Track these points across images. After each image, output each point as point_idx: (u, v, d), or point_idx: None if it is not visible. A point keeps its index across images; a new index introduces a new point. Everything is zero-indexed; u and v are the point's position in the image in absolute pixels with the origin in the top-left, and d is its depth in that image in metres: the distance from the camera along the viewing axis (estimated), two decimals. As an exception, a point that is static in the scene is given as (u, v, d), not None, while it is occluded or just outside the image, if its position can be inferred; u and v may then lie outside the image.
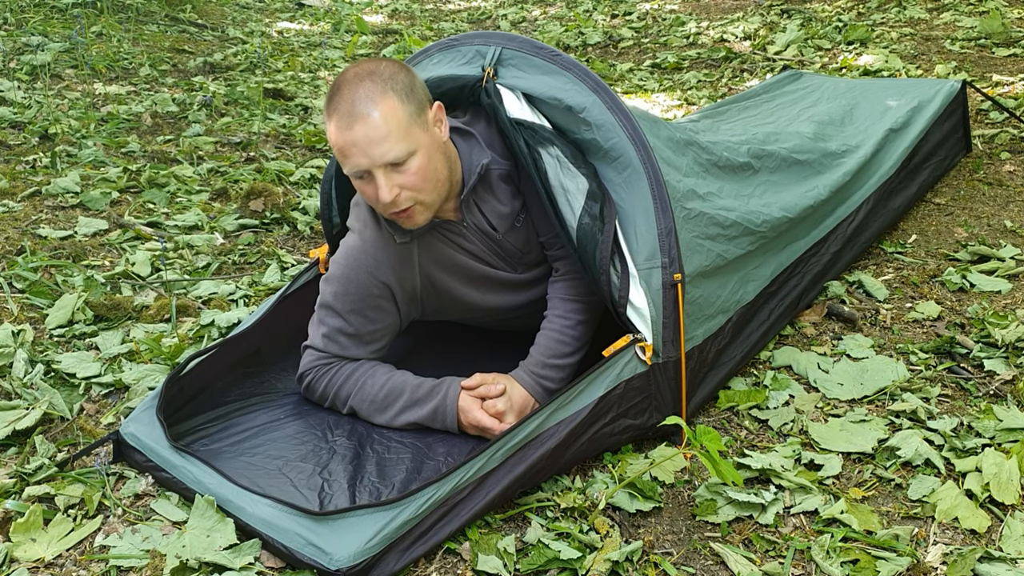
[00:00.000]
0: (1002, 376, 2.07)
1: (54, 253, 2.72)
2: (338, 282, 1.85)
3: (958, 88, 3.20)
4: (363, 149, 1.62)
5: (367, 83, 1.63)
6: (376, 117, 1.61)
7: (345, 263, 1.85)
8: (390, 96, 1.63)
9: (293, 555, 1.45)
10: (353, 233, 1.87)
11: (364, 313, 1.86)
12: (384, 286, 1.85)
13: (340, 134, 1.63)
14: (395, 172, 1.65)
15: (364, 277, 1.83)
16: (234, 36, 6.74)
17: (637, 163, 1.80)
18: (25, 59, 4.96)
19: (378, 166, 1.63)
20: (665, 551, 1.56)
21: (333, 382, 1.87)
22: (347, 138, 1.62)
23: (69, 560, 1.52)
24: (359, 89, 1.62)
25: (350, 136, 1.62)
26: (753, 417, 1.96)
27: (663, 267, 1.77)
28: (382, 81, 1.64)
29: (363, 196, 1.73)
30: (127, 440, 1.71)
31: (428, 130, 1.69)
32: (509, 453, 1.59)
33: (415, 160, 1.66)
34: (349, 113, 1.61)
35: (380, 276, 1.83)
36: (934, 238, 2.89)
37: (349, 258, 1.85)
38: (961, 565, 1.49)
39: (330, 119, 1.65)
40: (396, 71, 1.67)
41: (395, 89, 1.64)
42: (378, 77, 1.64)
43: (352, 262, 1.84)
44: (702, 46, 6.10)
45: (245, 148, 3.99)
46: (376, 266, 1.83)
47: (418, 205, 1.71)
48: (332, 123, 1.64)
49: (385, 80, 1.64)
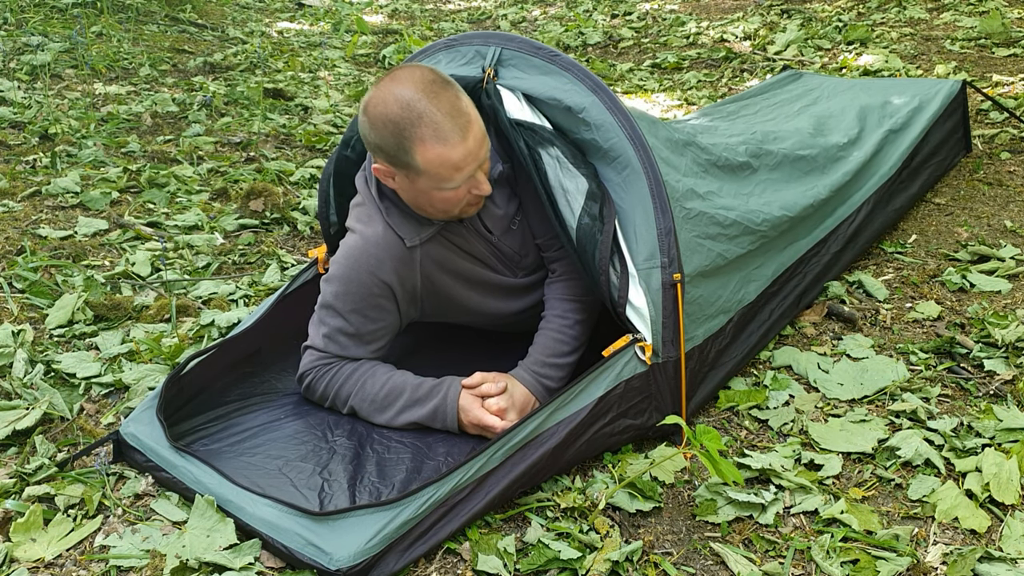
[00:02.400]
0: (1002, 376, 2.07)
1: (54, 253, 2.72)
2: (339, 282, 1.85)
3: (958, 88, 3.20)
4: (475, 153, 1.64)
5: (442, 92, 1.61)
6: (476, 117, 1.63)
7: (346, 263, 1.84)
8: (461, 91, 1.65)
9: (293, 555, 1.45)
10: (354, 233, 1.87)
11: (364, 312, 1.86)
12: (385, 285, 1.84)
13: (454, 149, 1.61)
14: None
15: (365, 276, 1.83)
16: (234, 36, 6.74)
17: (636, 163, 1.80)
18: (25, 59, 4.97)
19: (480, 163, 1.67)
20: (665, 551, 1.56)
21: (333, 382, 1.87)
22: (464, 149, 1.62)
23: (69, 560, 1.52)
24: (443, 100, 1.60)
25: (465, 147, 1.62)
26: (753, 417, 1.96)
27: (662, 267, 1.77)
28: (445, 82, 1.63)
29: (443, 203, 1.70)
30: (127, 440, 1.71)
31: None
32: (509, 453, 1.59)
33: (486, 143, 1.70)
34: (456, 126, 1.60)
35: (381, 275, 1.83)
36: (934, 238, 2.89)
37: (350, 258, 1.84)
38: (961, 565, 1.49)
39: (425, 143, 1.61)
40: (435, 70, 1.67)
41: (454, 83, 1.65)
42: (440, 81, 1.63)
43: (353, 262, 1.83)
44: (702, 46, 6.10)
45: (245, 148, 3.99)
46: (377, 265, 1.82)
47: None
48: (436, 145, 1.61)
49: (444, 80, 1.64)
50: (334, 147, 4.04)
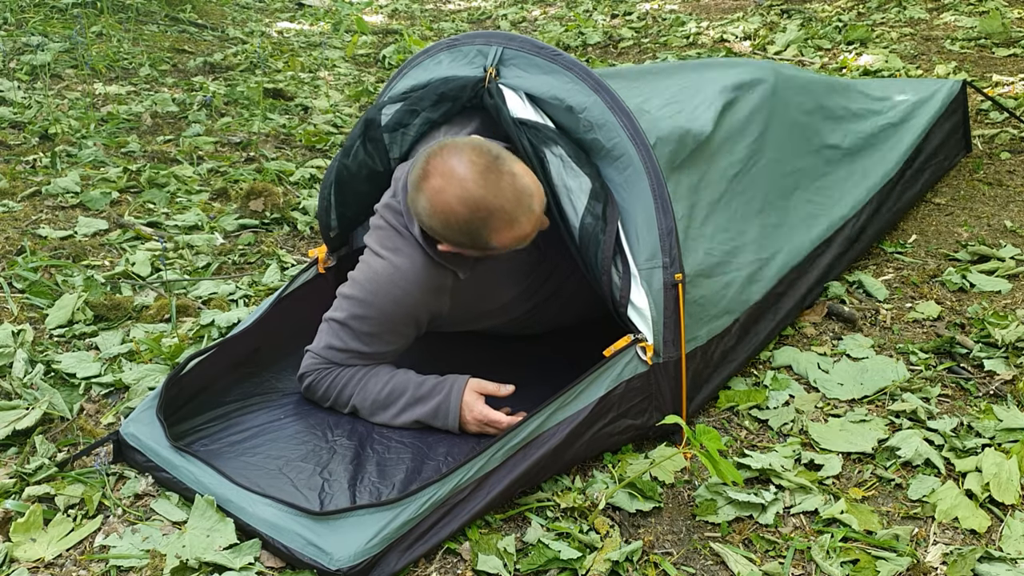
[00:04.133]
0: (1002, 376, 2.07)
1: (54, 253, 2.72)
2: (360, 305, 1.80)
3: (958, 88, 3.20)
4: (540, 216, 1.70)
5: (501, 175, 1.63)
6: (533, 183, 1.67)
7: (371, 287, 1.79)
8: (514, 162, 1.67)
9: (293, 555, 1.45)
10: (380, 259, 1.80)
11: (383, 337, 1.83)
12: (408, 315, 1.81)
13: (527, 225, 1.67)
14: None
15: (390, 306, 1.79)
16: (234, 36, 6.74)
17: (638, 163, 1.80)
18: (25, 59, 4.96)
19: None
20: (665, 551, 1.56)
21: (336, 383, 1.87)
22: (533, 220, 1.68)
23: (69, 560, 1.52)
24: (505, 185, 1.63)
25: (534, 218, 1.67)
26: (753, 417, 1.96)
27: (664, 267, 1.77)
28: (495, 161, 1.64)
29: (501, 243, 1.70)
30: (127, 440, 1.71)
31: None
32: (510, 453, 1.59)
33: None
34: (522, 207, 1.65)
35: (408, 307, 1.80)
36: (934, 238, 2.89)
37: (375, 283, 1.79)
38: (961, 565, 1.49)
39: (500, 232, 1.65)
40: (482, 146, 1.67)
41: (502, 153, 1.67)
42: (492, 162, 1.63)
43: (378, 288, 1.78)
44: (702, 46, 6.10)
45: (245, 148, 3.99)
46: (404, 295, 1.78)
47: None
48: (509, 230, 1.66)
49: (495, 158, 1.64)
50: (334, 147, 4.05)
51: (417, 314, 1.82)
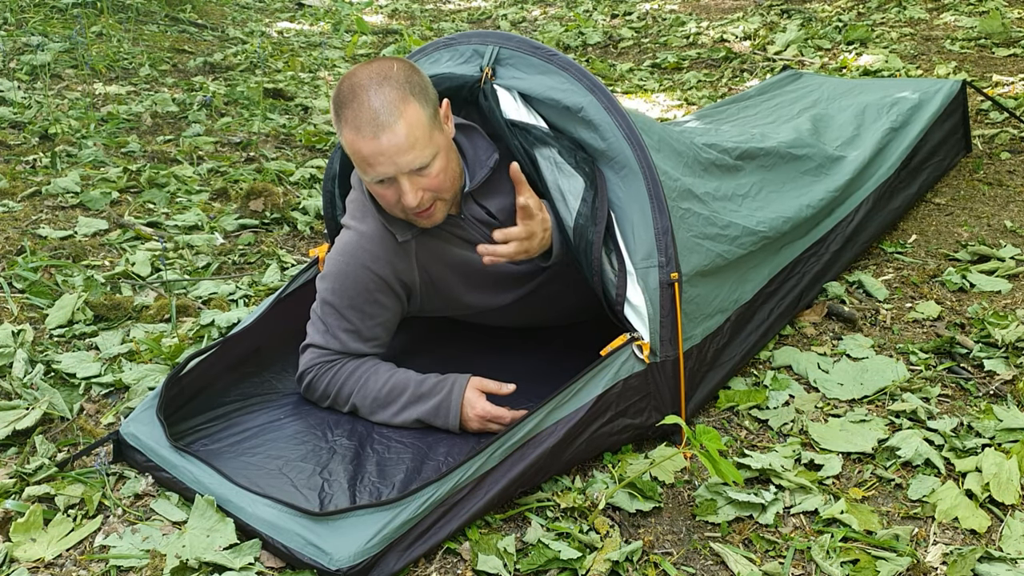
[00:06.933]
0: (1002, 376, 2.07)
1: (54, 253, 2.72)
2: (334, 278, 1.85)
3: (958, 88, 3.20)
4: (391, 158, 1.62)
5: (386, 89, 1.60)
6: (402, 127, 1.60)
7: (340, 259, 1.85)
8: (411, 102, 1.61)
9: (293, 555, 1.45)
10: (348, 229, 1.87)
11: (361, 308, 1.86)
12: (380, 280, 1.84)
13: (365, 143, 1.61)
14: (418, 175, 1.65)
15: (359, 271, 1.83)
16: (234, 36, 6.74)
17: (633, 163, 1.80)
18: (25, 59, 4.96)
19: (404, 172, 1.63)
20: (665, 551, 1.56)
21: (335, 380, 1.87)
22: (373, 147, 1.61)
23: (69, 560, 1.52)
24: (379, 96, 1.59)
25: (376, 146, 1.60)
26: (753, 417, 1.96)
27: (660, 266, 1.77)
28: (399, 85, 1.61)
29: (381, 199, 1.72)
30: (127, 440, 1.71)
31: (443, 130, 1.69)
32: (508, 452, 1.59)
33: (437, 162, 1.66)
34: (373, 122, 1.59)
35: (376, 269, 1.83)
36: (934, 238, 2.89)
37: (344, 254, 1.84)
38: (961, 565, 1.49)
39: (346, 126, 1.62)
40: (409, 72, 1.65)
41: (414, 93, 1.62)
42: (395, 81, 1.62)
43: (348, 257, 1.84)
44: (702, 46, 6.10)
45: (245, 148, 3.99)
46: (372, 260, 1.82)
47: (439, 202, 1.73)
48: (351, 132, 1.61)
49: (402, 84, 1.62)
50: (334, 147, 4.05)
51: (386, 276, 1.83)
